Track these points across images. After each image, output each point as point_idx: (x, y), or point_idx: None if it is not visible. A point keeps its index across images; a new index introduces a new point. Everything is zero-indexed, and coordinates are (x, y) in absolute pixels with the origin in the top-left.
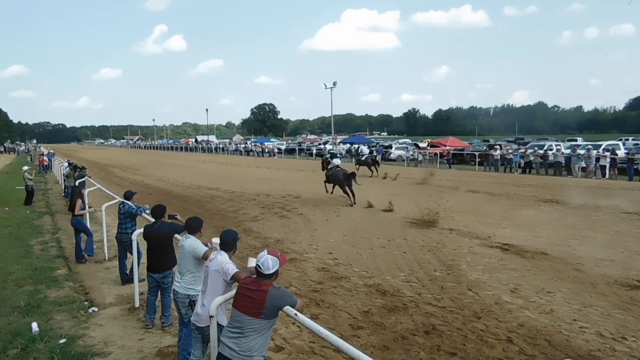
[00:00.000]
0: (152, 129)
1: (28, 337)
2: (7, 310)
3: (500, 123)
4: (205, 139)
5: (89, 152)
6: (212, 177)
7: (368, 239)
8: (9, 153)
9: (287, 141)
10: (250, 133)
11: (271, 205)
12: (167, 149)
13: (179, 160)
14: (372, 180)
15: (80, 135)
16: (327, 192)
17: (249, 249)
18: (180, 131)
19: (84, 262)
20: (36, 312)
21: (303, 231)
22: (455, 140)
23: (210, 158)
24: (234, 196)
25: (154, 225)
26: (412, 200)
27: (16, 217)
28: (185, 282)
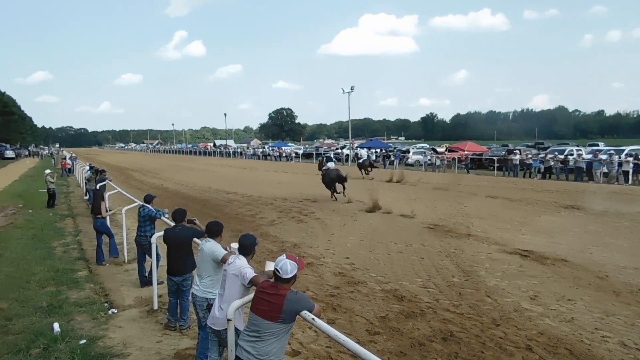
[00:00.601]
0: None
1: (50, 337)
2: (30, 311)
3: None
4: (223, 144)
5: (110, 156)
6: (230, 181)
7: (385, 244)
8: (33, 157)
9: (305, 146)
10: (268, 137)
11: (288, 210)
12: (186, 153)
13: (197, 165)
14: (390, 185)
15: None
16: (333, 197)
17: (266, 253)
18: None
19: (104, 264)
20: (58, 312)
21: (320, 235)
22: (473, 145)
23: (228, 162)
24: (251, 200)
25: (175, 229)
26: (430, 205)
27: (39, 219)
28: (204, 286)
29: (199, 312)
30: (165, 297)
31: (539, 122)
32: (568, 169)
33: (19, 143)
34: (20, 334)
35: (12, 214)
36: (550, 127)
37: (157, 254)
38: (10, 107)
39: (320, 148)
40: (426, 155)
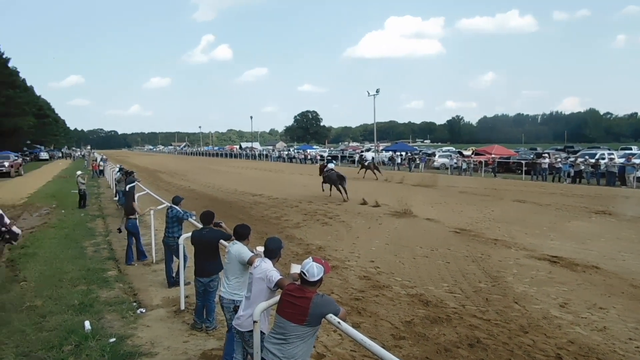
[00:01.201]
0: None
1: (81, 334)
2: (62, 308)
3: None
4: (249, 146)
5: (139, 158)
6: (255, 183)
7: (411, 248)
8: (66, 158)
9: (330, 148)
10: (293, 140)
11: (313, 212)
12: (212, 155)
13: (223, 167)
14: (416, 188)
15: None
16: (323, 191)
17: (292, 256)
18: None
19: (133, 264)
20: (89, 311)
21: (345, 239)
22: (500, 148)
23: (254, 165)
24: (277, 202)
25: (202, 230)
26: (456, 210)
27: (71, 219)
28: (231, 288)
29: (226, 314)
30: (192, 298)
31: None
32: (599, 173)
33: (52, 145)
34: (54, 331)
35: (46, 214)
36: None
37: (185, 255)
38: (45, 110)
39: (345, 151)
40: (452, 158)
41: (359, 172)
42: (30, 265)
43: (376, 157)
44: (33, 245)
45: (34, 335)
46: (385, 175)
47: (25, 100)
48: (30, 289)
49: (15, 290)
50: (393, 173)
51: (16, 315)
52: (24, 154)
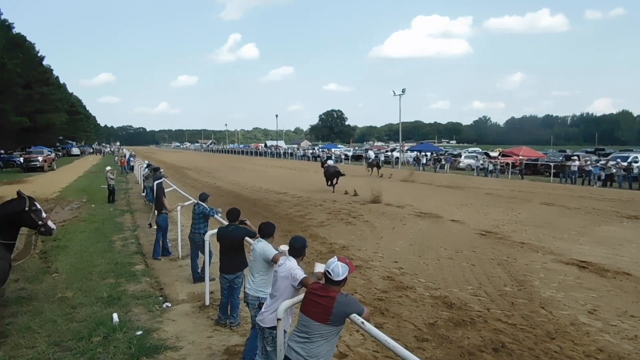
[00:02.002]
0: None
1: (109, 326)
2: (92, 300)
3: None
4: (274, 144)
5: (166, 155)
6: (280, 181)
7: (435, 249)
8: (96, 154)
9: (354, 148)
10: (318, 139)
11: (337, 211)
12: (238, 153)
13: (249, 165)
14: (440, 189)
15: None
16: (330, 185)
17: (315, 254)
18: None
19: (159, 259)
20: (117, 303)
21: (369, 238)
22: (528, 150)
23: (278, 163)
24: (301, 201)
25: (228, 227)
26: (482, 211)
27: (101, 214)
28: (256, 285)
29: (250, 311)
30: (217, 294)
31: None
32: (632, 176)
33: (83, 141)
34: (83, 322)
35: (77, 208)
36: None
37: (210, 252)
38: (77, 107)
39: (369, 150)
40: (478, 159)
41: (367, 170)
42: (62, 258)
43: (401, 157)
44: (64, 238)
45: (64, 326)
46: (388, 173)
47: (58, 97)
48: (61, 281)
49: (48, 281)
50: (418, 173)
51: (48, 306)
52: (57, 149)
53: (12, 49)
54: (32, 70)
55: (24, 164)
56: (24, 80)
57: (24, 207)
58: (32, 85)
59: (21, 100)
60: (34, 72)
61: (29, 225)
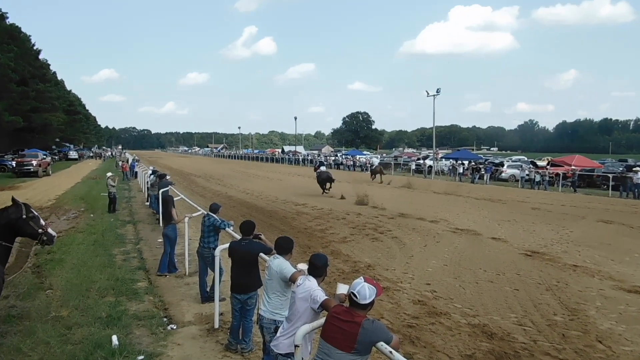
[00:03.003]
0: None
1: (108, 350)
2: (89, 320)
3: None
4: (292, 150)
5: (172, 160)
6: (299, 191)
7: (473, 270)
8: (96, 158)
9: (382, 154)
10: (341, 144)
11: (362, 226)
12: (252, 159)
13: (264, 172)
14: (479, 203)
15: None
16: (323, 192)
17: (337, 274)
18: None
19: (165, 275)
20: (116, 324)
21: (397, 257)
22: (582, 159)
23: (297, 170)
24: (322, 213)
25: (241, 242)
26: (527, 229)
27: (101, 224)
28: (272, 306)
29: (265, 335)
30: (227, 315)
31: None
32: None
33: (82, 143)
34: (79, 344)
35: (74, 218)
36: None
37: (220, 268)
38: (76, 106)
39: (399, 157)
40: (523, 169)
41: (371, 177)
42: (57, 272)
43: (435, 165)
44: (60, 251)
45: (58, 348)
46: (388, 179)
47: (55, 95)
48: (56, 298)
49: (41, 298)
50: (454, 185)
51: (41, 326)
52: (53, 153)
53: (5, 42)
54: (27, 65)
55: (16, 169)
56: (19, 76)
57: (20, 215)
58: (27, 81)
59: (15, 98)
60: (30, 67)
61: (28, 234)
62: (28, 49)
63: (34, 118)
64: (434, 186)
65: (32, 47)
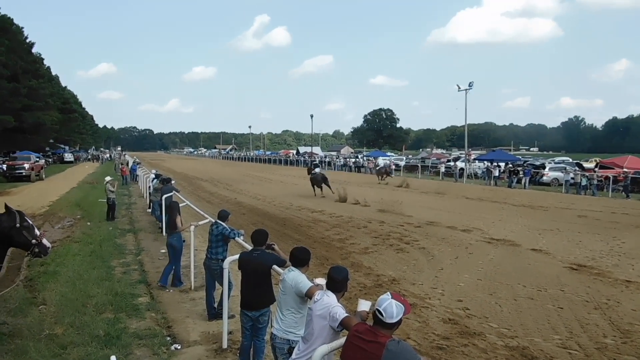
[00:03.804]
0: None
1: None
2: (85, 339)
3: None
4: (308, 151)
5: (177, 162)
6: (315, 197)
7: (511, 285)
8: (93, 161)
9: (408, 156)
10: (362, 145)
11: (386, 235)
12: (263, 161)
13: (277, 175)
14: (517, 210)
15: (168, 143)
16: (315, 195)
17: (358, 289)
18: (280, 141)
19: (168, 289)
20: (115, 344)
21: (425, 270)
22: (636, 160)
23: None
24: (341, 221)
25: (252, 253)
26: (573, 239)
27: (98, 233)
28: (285, 324)
29: (278, 357)
30: (237, 334)
31: None
32: None
33: (78, 145)
34: None
35: (70, 226)
36: None
37: (229, 282)
38: (71, 104)
39: (427, 159)
40: (568, 172)
41: (378, 178)
42: (51, 286)
43: (467, 168)
44: (54, 263)
45: None
46: (386, 180)
47: (49, 92)
48: (50, 314)
49: (34, 314)
50: (488, 190)
51: (34, 345)
52: (46, 155)
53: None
54: (19, 60)
55: (7, 173)
56: (10, 71)
57: (14, 224)
58: (18, 77)
59: (5, 95)
60: (22, 62)
61: (21, 244)
62: (20, 42)
63: (26, 117)
64: (466, 191)
65: (25, 40)
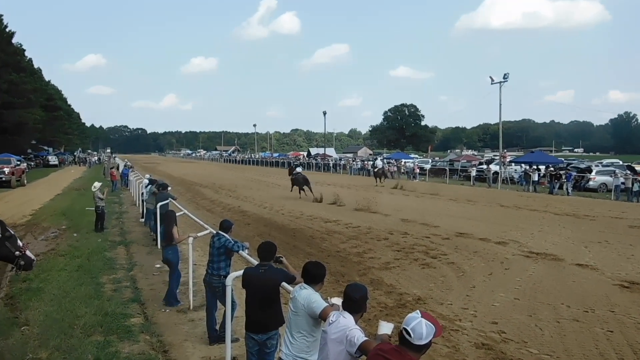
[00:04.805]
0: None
1: None
2: None
3: None
4: (320, 153)
5: (173, 166)
6: (329, 204)
7: (553, 306)
8: (80, 164)
9: (434, 158)
10: (382, 145)
11: (410, 248)
12: (270, 165)
13: (286, 181)
14: (560, 219)
15: (163, 144)
16: (291, 192)
17: (378, 309)
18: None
19: (163, 309)
20: None
21: (455, 288)
22: None
23: (327, 178)
24: (358, 232)
25: (259, 269)
26: (624, 253)
27: (86, 245)
28: (296, 349)
29: None
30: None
31: None
32: None
33: (63, 146)
34: None
35: (54, 238)
36: None
37: (233, 301)
38: (56, 101)
39: (456, 162)
40: (617, 176)
41: (375, 180)
42: (34, 305)
43: (501, 171)
44: (38, 279)
45: None
46: (384, 183)
47: (31, 87)
48: (33, 336)
49: (16, 336)
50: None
51: None
52: (28, 158)
53: None
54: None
55: None
56: None
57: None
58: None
59: None
60: (2, 54)
61: (3, 257)
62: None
63: (6, 115)
64: (501, 198)
65: (5, 29)
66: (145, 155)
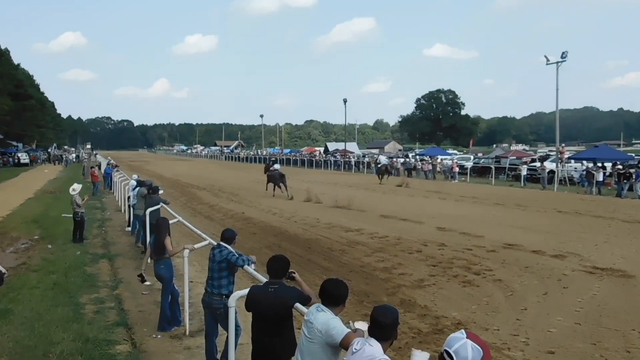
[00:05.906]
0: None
1: None
2: None
3: None
4: (340, 148)
5: (165, 165)
6: (350, 210)
7: (622, 332)
8: (55, 163)
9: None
10: (414, 139)
11: (448, 263)
12: (280, 163)
13: (298, 182)
14: (630, 227)
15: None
16: (266, 190)
17: (410, 335)
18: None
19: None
20: None
21: (502, 310)
22: None
23: (347, 179)
24: (385, 244)
25: (267, 287)
26: None
27: (63, 259)
28: None
29: None
30: None
31: None
32: None
33: (35, 142)
34: None
35: (25, 250)
36: None
37: (237, 325)
38: (26, 88)
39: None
40: None
41: (379, 178)
42: (2, 330)
43: (558, 170)
44: (6, 298)
45: None
46: (390, 181)
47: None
48: None
49: None
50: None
51: None
52: None
53: None
54: None
55: None
56: None
57: None
58: None
59: None
60: None
61: None
62: None
63: None
64: (558, 202)
65: None
66: (132, 152)
